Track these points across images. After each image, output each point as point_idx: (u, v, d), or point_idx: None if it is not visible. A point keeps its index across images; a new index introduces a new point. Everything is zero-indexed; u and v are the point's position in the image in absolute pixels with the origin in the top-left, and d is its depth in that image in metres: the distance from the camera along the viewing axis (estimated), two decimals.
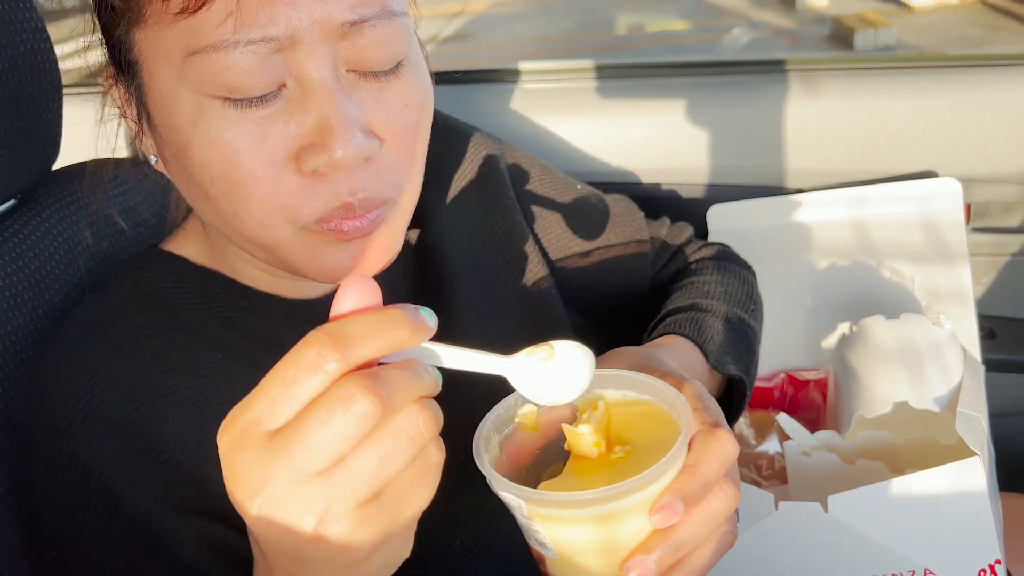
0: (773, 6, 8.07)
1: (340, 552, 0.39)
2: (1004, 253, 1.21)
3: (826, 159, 1.17)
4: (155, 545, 0.56)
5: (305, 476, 0.37)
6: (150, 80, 0.54)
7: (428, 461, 0.40)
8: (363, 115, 0.53)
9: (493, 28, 8.68)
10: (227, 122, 0.51)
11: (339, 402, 0.37)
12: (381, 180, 0.55)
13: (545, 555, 0.49)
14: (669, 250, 0.91)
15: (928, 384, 0.85)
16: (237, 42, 0.49)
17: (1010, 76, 1.13)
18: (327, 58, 0.51)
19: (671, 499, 0.46)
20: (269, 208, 0.53)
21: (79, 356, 0.59)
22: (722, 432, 0.49)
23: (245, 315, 0.64)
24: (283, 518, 0.38)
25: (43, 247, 0.71)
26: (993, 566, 0.74)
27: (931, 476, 0.71)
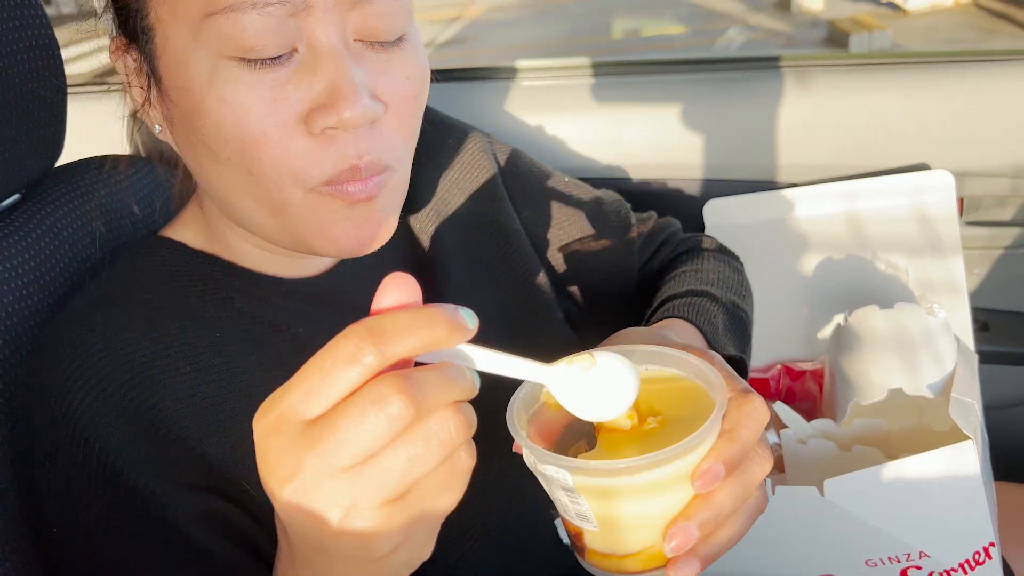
0: (768, 10, 8.11)
1: (362, 547, 0.40)
2: (997, 246, 1.22)
3: (820, 154, 1.18)
4: (156, 520, 0.56)
5: (335, 470, 0.38)
6: (164, 43, 0.56)
7: (457, 465, 0.41)
8: (369, 81, 0.56)
9: (490, 33, 8.70)
10: (241, 83, 0.53)
11: (372, 402, 0.38)
12: (383, 146, 0.57)
13: (585, 528, 0.49)
14: (656, 242, 0.93)
15: (922, 371, 0.86)
16: (255, 3, 0.51)
17: (1001, 71, 1.14)
18: (337, 25, 0.54)
19: (713, 464, 0.46)
20: (280, 168, 0.55)
21: (79, 335, 0.60)
22: (755, 397, 0.50)
23: (242, 296, 0.66)
24: (310, 508, 0.39)
25: (47, 242, 0.72)
26: (987, 548, 0.75)
27: (925, 460, 0.72)
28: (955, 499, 0.73)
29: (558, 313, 0.83)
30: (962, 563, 0.75)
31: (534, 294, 0.81)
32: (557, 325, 0.82)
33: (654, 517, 0.48)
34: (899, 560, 0.75)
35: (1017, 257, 1.22)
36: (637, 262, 0.91)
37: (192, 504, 0.57)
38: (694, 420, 0.48)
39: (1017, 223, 1.22)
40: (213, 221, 0.68)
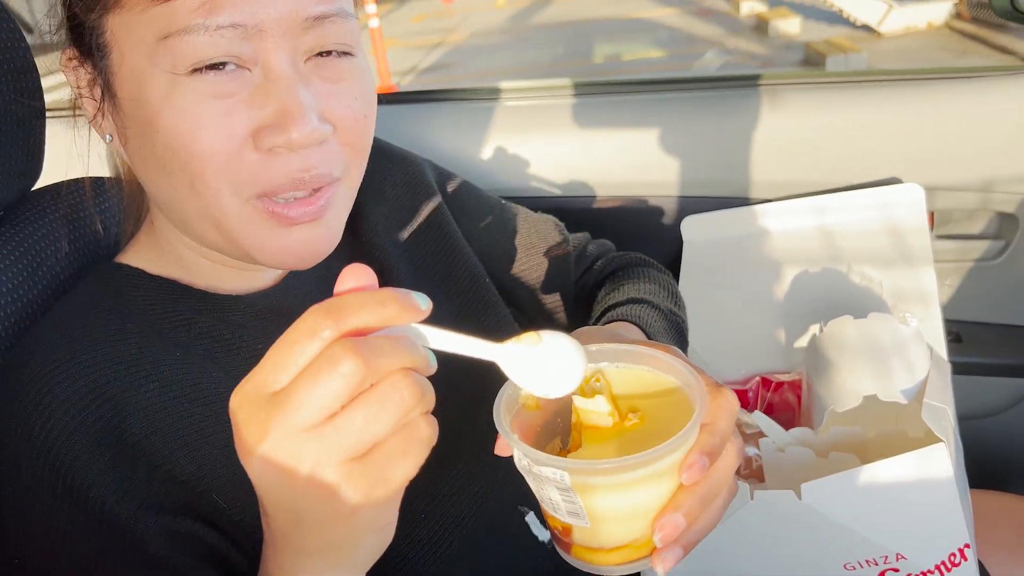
0: (746, 33, 8.25)
1: (327, 503, 0.42)
2: (968, 259, 1.25)
3: (795, 170, 1.21)
4: (124, 543, 0.56)
5: (297, 430, 0.41)
6: (120, 60, 0.58)
7: (416, 432, 0.43)
8: (318, 103, 0.58)
9: (472, 58, 8.78)
10: (198, 96, 0.56)
11: (326, 361, 0.41)
12: (331, 160, 0.60)
13: (575, 524, 0.51)
14: (590, 257, 0.98)
15: (895, 379, 0.88)
16: (208, 27, 0.54)
17: (969, 88, 1.18)
18: (289, 50, 0.57)
19: (698, 456, 0.49)
20: (221, 179, 0.58)
21: (44, 356, 0.60)
22: (727, 391, 0.53)
23: (201, 316, 0.67)
24: (278, 468, 0.42)
25: (25, 263, 0.72)
26: (963, 550, 0.76)
27: (899, 463, 0.74)
28: (930, 501, 0.75)
29: (507, 311, 0.86)
30: (938, 564, 0.76)
31: (483, 295, 0.85)
32: (508, 323, 0.86)
33: (643, 510, 0.50)
34: (876, 563, 0.76)
35: (988, 269, 1.25)
36: (573, 275, 0.96)
37: (161, 525, 0.57)
38: (671, 414, 0.50)
39: (986, 236, 1.25)
40: (167, 240, 0.69)
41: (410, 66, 8.54)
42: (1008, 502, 1.05)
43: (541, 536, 0.75)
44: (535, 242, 0.94)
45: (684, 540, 0.51)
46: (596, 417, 0.52)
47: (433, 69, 8.50)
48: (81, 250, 0.78)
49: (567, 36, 9.09)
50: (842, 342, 0.92)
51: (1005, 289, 1.25)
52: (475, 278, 0.85)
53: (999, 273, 1.25)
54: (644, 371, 0.55)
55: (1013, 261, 1.23)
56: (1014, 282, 1.24)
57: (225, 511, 0.60)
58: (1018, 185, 1.18)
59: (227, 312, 0.68)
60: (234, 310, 0.68)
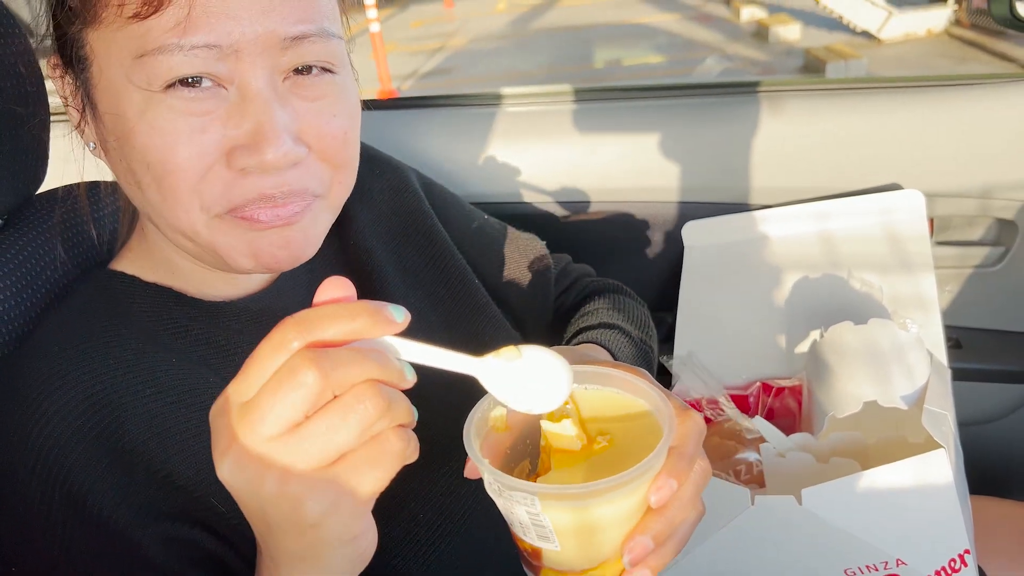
0: (746, 39, 8.26)
1: (294, 512, 0.43)
2: (967, 265, 1.26)
3: (795, 176, 1.21)
4: (122, 549, 0.56)
5: (263, 439, 0.42)
6: (99, 74, 0.58)
7: (385, 445, 0.43)
8: (294, 124, 0.58)
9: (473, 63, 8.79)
10: (173, 113, 0.56)
11: (287, 371, 0.42)
12: (307, 178, 0.60)
13: (544, 548, 0.50)
14: (570, 277, 1.00)
15: (895, 385, 0.88)
16: (182, 46, 0.54)
17: (968, 95, 1.18)
18: (266, 69, 0.57)
19: (666, 480, 0.49)
20: (192, 195, 0.58)
21: (41, 363, 0.60)
22: (693, 413, 0.54)
23: (196, 323, 0.67)
24: (245, 476, 0.43)
25: (28, 267, 0.72)
26: (963, 555, 0.76)
27: (899, 469, 0.74)
28: (930, 507, 0.75)
29: (498, 312, 0.87)
30: (938, 570, 0.77)
31: (473, 298, 0.85)
32: (498, 322, 0.86)
33: (612, 532, 0.50)
34: (877, 568, 0.76)
35: (987, 275, 1.25)
36: (553, 291, 0.97)
37: (158, 531, 0.57)
38: (640, 437, 0.50)
39: (986, 242, 1.26)
40: (157, 247, 0.69)
41: (411, 71, 8.55)
42: (1008, 508, 1.05)
43: None
44: (516, 257, 0.95)
45: (653, 562, 0.51)
46: (564, 440, 0.52)
47: (434, 74, 8.51)
48: (77, 255, 0.78)
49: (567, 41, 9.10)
50: (842, 348, 0.92)
51: (1005, 295, 1.26)
52: (465, 282, 0.86)
53: (999, 279, 1.25)
54: (613, 393, 0.55)
55: (1012, 267, 1.24)
56: (1013, 288, 1.25)
57: (223, 515, 0.60)
58: (1017, 192, 1.18)
59: (220, 318, 0.68)
60: (227, 316, 0.69)
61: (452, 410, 0.54)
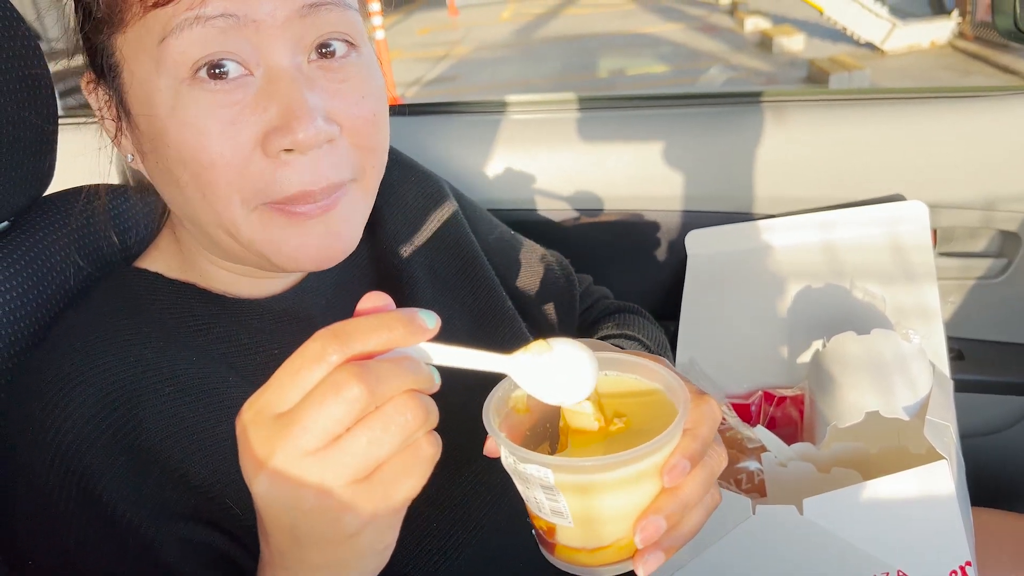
0: (750, 50, 8.28)
1: (331, 526, 0.43)
2: (970, 277, 1.26)
3: (799, 186, 1.22)
4: (137, 548, 0.56)
5: (303, 453, 0.42)
6: (130, 78, 0.59)
7: (419, 453, 0.43)
8: (324, 104, 0.58)
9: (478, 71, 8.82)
10: (201, 107, 0.56)
11: (331, 387, 0.41)
12: (343, 163, 0.60)
13: (559, 524, 0.52)
14: (592, 296, 1.03)
15: (898, 395, 0.88)
16: (199, 17, 0.54)
17: (971, 107, 1.18)
18: (289, 45, 0.57)
19: (679, 459, 0.50)
20: (231, 189, 0.58)
21: (60, 360, 0.60)
22: (710, 399, 0.54)
23: (219, 321, 0.67)
24: (282, 489, 0.42)
25: (34, 269, 0.73)
26: (964, 567, 0.76)
27: (901, 479, 0.74)
28: (931, 518, 0.75)
29: (522, 325, 0.87)
30: None
31: (500, 308, 0.86)
32: (522, 334, 0.87)
33: (625, 510, 0.51)
34: None
35: (990, 287, 1.25)
36: (578, 307, 0.99)
37: (174, 532, 0.57)
38: (655, 420, 0.52)
39: (989, 254, 1.26)
40: (186, 247, 0.69)
41: (415, 78, 8.58)
42: (1009, 521, 1.05)
43: None
44: (542, 272, 0.96)
45: (665, 544, 0.52)
46: (583, 420, 0.53)
47: (438, 81, 8.53)
48: (96, 256, 0.79)
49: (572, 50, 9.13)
50: (845, 358, 0.92)
51: (1007, 307, 1.26)
52: (493, 292, 0.86)
53: (1001, 291, 1.25)
54: (632, 379, 0.57)
55: (1015, 279, 1.24)
56: (1016, 300, 1.25)
57: (238, 516, 0.60)
58: (1021, 204, 1.18)
59: (244, 316, 0.69)
60: (251, 314, 0.69)
61: (469, 418, 0.54)
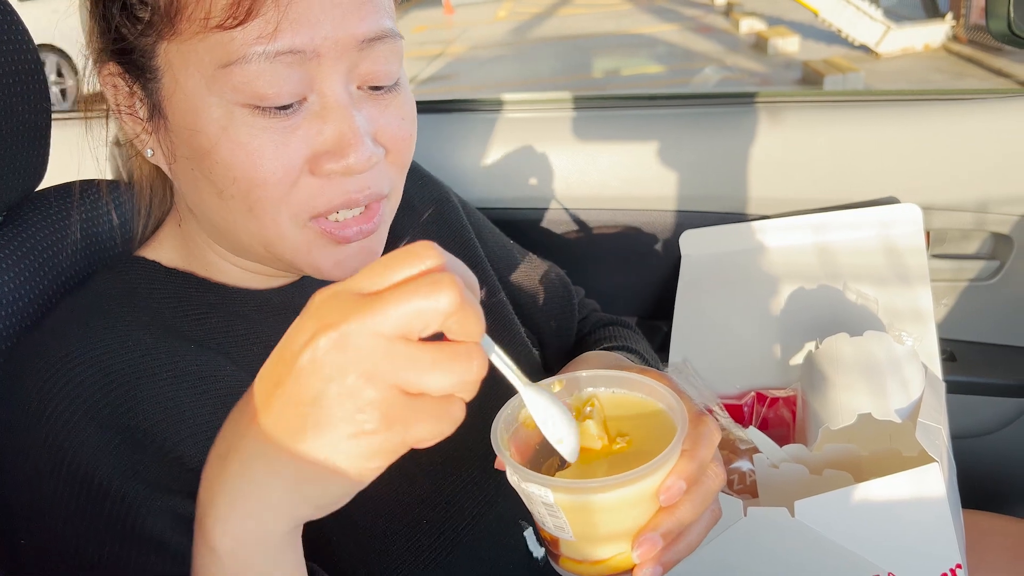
0: (745, 51, 8.30)
1: (351, 414, 0.40)
2: (962, 279, 1.26)
3: (793, 187, 1.22)
4: (127, 524, 0.56)
5: (374, 333, 0.40)
6: (173, 86, 0.59)
7: (451, 409, 0.42)
8: (370, 126, 0.60)
9: (473, 70, 8.82)
10: (255, 129, 0.57)
11: (428, 282, 0.40)
12: (382, 179, 0.63)
13: (561, 538, 0.53)
14: (586, 307, 1.05)
15: (890, 397, 0.88)
16: (267, 54, 0.55)
17: (965, 110, 1.18)
18: (343, 74, 0.59)
19: (676, 480, 0.52)
20: (280, 205, 0.60)
21: (56, 342, 0.60)
22: (708, 419, 0.56)
23: (217, 311, 0.68)
24: (336, 358, 0.40)
25: (28, 263, 0.73)
26: (954, 570, 0.76)
27: (892, 482, 0.74)
28: (922, 520, 0.75)
29: (521, 330, 0.89)
30: None
31: (500, 312, 0.87)
32: (521, 341, 0.88)
33: (623, 528, 0.52)
34: None
35: (982, 289, 1.25)
36: (576, 317, 1.01)
37: (165, 507, 0.57)
38: (657, 440, 0.53)
39: (981, 256, 1.26)
40: (192, 239, 0.70)
41: (410, 76, 8.51)
42: (1000, 523, 1.05)
43: (536, 553, 0.75)
44: (542, 281, 0.98)
45: (663, 559, 0.53)
46: (586, 439, 0.55)
47: (433, 80, 8.52)
48: (93, 249, 0.79)
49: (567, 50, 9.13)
50: (838, 359, 0.92)
51: (999, 309, 1.26)
52: (496, 299, 0.88)
53: (993, 293, 1.25)
54: (637, 397, 0.59)
55: (1007, 282, 1.24)
56: (1008, 303, 1.25)
57: None
58: (1013, 206, 1.18)
59: (243, 306, 0.69)
60: (250, 305, 0.69)
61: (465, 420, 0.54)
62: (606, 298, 1.16)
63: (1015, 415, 1.26)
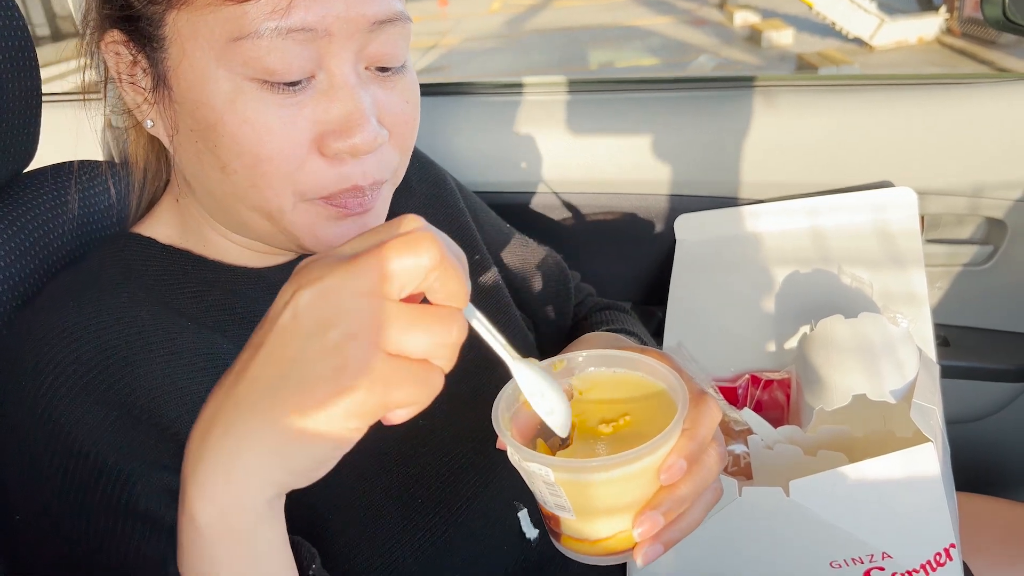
0: (739, 44, 8.30)
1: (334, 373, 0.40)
2: (956, 264, 1.26)
3: (787, 171, 1.22)
4: (121, 498, 0.56)
5: (354, 292, 0.40)
6: (180, 56, 0.58)
7: (431, 376, 0.41)
8: (376, 108, 0.61)
9: (466, 62, 8.80)
10: (263, 104, 0.57)
11: (407, 240, 0.40)
12: (385, 163, 0.63)
13: (563, 516, 0.53)
14: (583, 291, 1.05)
15: (884, 378, 0.88)
16: (279, 30, 0.55)
17: (960, 94, 1.18)
18: (353, 53, 0.59)
19: (676, 459, 0.52)
20: (286, 182, 0.60)
21: (52, 318, 0.60)
22: (709, 399, 0.56)
23: (213, 288, 0.67)
24: (316, 313, 0.40)
25: (17, 242, 0.72)
26: (948, 549, 0.76)
27: (887, 462, 0.74)
28: (916, 500, 0.75)
29: (516, 312, 0.89)
30: (924, 564, 0.76)
31: (495, 293, 0.87)
32: (516, 323, 0.88)
33: (624, 506, 0.52)
34: (862, 561, 0.76)
35: (976, 274, 1.25)
36: (572, 301, 1.01)
37: (160, 481, 0.57)
38: (658, 419, 0.53)
39: (975, 241, 1.26)
40: (190, 216, 0.69)
41: None
42: (992, 505, 1.06)
43: (529, 534, 0.75)
44: (538, 264, 0.98)
45: (664, 538, 0.53)
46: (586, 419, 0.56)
47: (427, 71, 8.50)
48: (87, 228, 0.79)
49: (561, 42, 9.12)
50: (832, 341, 0.92)
51: (993, 294, 1.26)
52: (493, 282, 0.88)
53: (987, 278, 1.25)
54: (638, 377, 0.59)
55: (1001, 267, 1.24)
56: (1002, 288, 1.25)
57: None
58: (1007, 191, 1.18)
59: (240, 284, 0.69)
60: (247, 282, 0.69)
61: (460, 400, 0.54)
62: (600, 283, 1.16)
63: (1008, 400, 1.26)
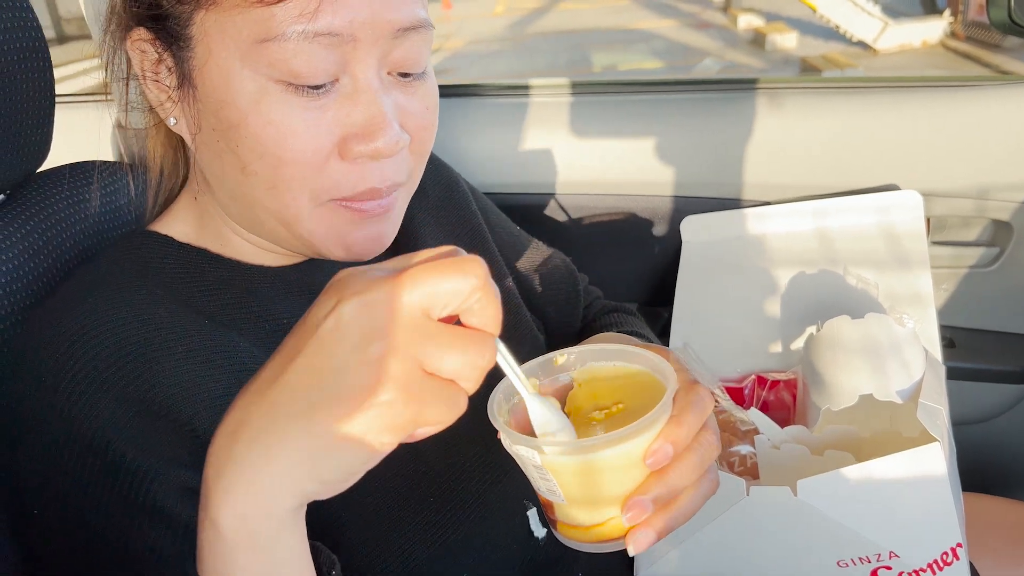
0: (743, 47, 8.30)
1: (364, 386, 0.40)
2: (962, 265, 1.26)
3: (793, 174, 1.22)
4: (138, 495, 0.56)
5: (398, 305, 0.40)
6: (207, 56, 0.59)
7: (458, 398, 0.42)
8: (398, 113, 0.62)
9: (470, 64, 8.81)
10: (287, 106, 0.58)
11: (456, 262, 0.41)
12: (403, 167, 0.64)
13: (555, 502, 0.54)
14: (591, 294, 1.05)
15: (891, 379, 0.88)
16: (306, 34, 0.55)
17: (966, 96, 1.18)
18: (377, 59, 0.60)
19: (662, 444, 0.51)
20: (304, 185, 0.60)
21: (69, 315, 0.60)
22: (699, 388, 0.55)
23: (230, 286, 0.68)
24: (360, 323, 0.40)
25: (31, 241, 0.73)
26: (955, 549, 0.76)
27: (894, 461, 0.74)
28: (923, 500, 0.75)
29: (527, 314, 0.89)
30: (931, 563, 0.77)
31: (511, 301, 0.87)
32: (527, 326, 0.88)
33: (614, 492, 0.52)
34: (870, 560, 0.77)
35: (981, 276, 1.26)
36: (582, 304, 1.01)
37: (178, 479, 0.57)
38: (651, 408, 0.53)
39: (981, 243, 1.26)
40: (208, 215, 0.70)
41: None
42: (999, 506, 1.06)
43: (538, 533, 0.75)
44: (548, 267, 0.98)
45: (656, 525, 0.52)
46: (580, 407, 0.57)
47: None
48: (100, 227, 0.79)
49: (565, 45, 9.13)
50: (838, 341, 0.92)
51: (998, 296, 1.26)
52: (505, 284, 0.88)
53: (993, 280, 1.25)
54: (638, 370, 0.59)
55: (1007, 269, 1.24)
56: (1007, 289, 1.25)
57: None
58: (1013, 193, 1.19)
59: (256, 282, 0.69)
60: (263, 281, 0.70)
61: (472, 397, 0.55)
62: (606, 283, 1.16)
63: (1014, 401, 1.26)
